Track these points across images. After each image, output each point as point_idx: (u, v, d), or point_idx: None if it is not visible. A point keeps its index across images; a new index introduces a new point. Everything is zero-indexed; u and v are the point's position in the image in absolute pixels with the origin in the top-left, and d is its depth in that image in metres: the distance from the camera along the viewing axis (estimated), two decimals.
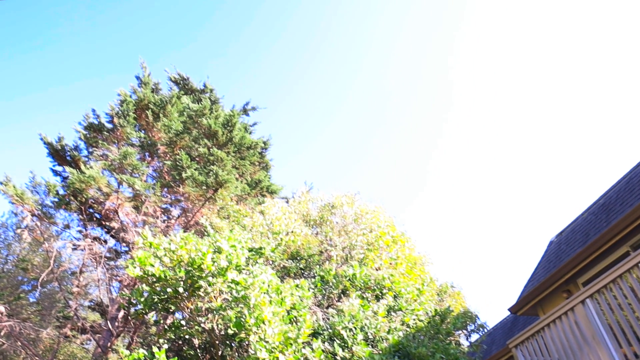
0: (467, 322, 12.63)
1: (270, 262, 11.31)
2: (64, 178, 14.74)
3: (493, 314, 47.01)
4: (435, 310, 10.60)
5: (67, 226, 14.59)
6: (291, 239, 11.95)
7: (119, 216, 13.82)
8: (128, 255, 15.05)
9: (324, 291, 10.72)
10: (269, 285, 8.32)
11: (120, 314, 13.39)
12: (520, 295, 10.95)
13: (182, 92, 17.29)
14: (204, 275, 7.98)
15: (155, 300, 8.32)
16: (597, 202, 10.54)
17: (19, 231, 15.17)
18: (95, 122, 14.88)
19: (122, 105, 14.95)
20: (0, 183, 12.50)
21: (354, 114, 43.54)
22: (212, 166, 14.30)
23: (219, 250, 8.29)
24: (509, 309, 11.15)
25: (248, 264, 9.12)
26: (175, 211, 16.29)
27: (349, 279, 10.69)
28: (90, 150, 14.68)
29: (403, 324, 9.68)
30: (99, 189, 13.56)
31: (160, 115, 15.58)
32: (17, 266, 17.14)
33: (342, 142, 46.02)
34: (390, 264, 12.85)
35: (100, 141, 14.48)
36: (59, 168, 14.95)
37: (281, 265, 11.46)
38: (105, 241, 14.99)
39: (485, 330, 13.18)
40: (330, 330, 8.95)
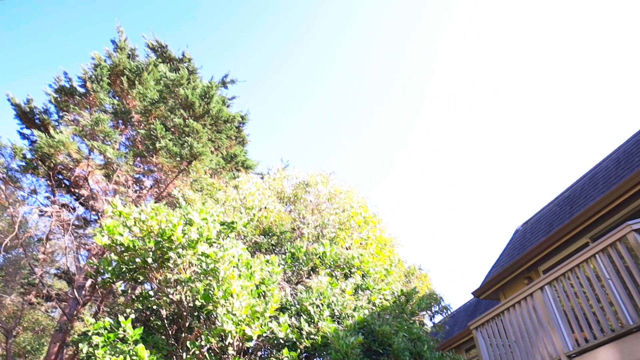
0: (432, 304, 13.01)
1: (242, 237, 11.31)
2: (32, 142, 14.28)
3: (457, 297, 48.60)
4: (402, 290, 10.84)
5: (34, 191, 14.21)
6: (264, 214, 11.96)
7: (88, 184, 13.53)
8: (97, 223, 14.78)
9: (293, 268, 10.82)
10: (239, 260, 8.35)
11: (88, 282, 13.22)
12: (484, 280, 11.30)
13: (160, 60, 16.80)
14: (173, 246, 7.93)
15: (124, 269, 8.25)
16: (563, 195, 10.89)
17: None
18: (67, 86, 14.37)
19: (96, 70, 14.46)
20: None
21: (333, 97, 43.73)
22: (188, 138, 14.09)
23: (190, 223, 8.24)
24: (473, 293, 11.52)
25: (219, 238, 9.10)
26: (147, 182, 16.03)
27: (319, 257, 10.80)
28: (60, 114, 14.20)
29: (369, 303, 9.88)
30: (69, 155, 13.20)
31: (136, 82, 15.15)
32: None
33: (320, 124, 46.33)
34: (361, 244, 13.03)
35: (71, 105, 14.02)
36: (27, 131, 14.45)
37: (253, 241, 11.48)
38: (74, 209, 14.68)
39: (449, 312, 13.61)
40: (297, 305, 9.07)
